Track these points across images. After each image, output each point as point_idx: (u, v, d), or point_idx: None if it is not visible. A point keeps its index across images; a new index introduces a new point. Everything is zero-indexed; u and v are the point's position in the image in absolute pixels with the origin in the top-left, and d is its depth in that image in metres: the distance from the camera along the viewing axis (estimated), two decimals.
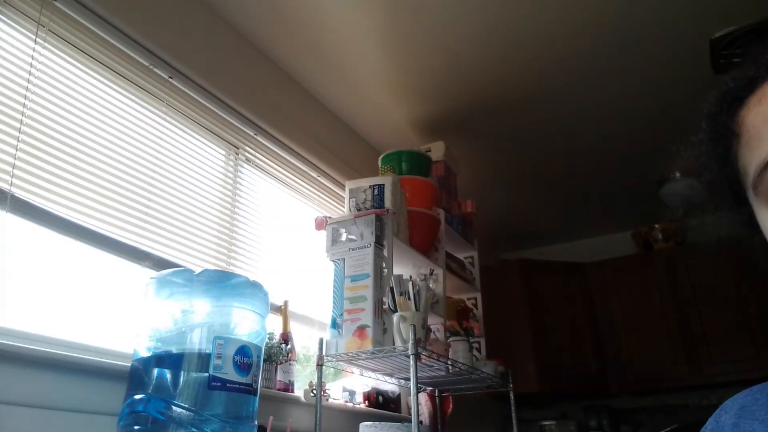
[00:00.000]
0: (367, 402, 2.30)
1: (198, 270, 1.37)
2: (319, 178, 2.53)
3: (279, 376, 1.90)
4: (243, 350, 1.32)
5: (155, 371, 1.25)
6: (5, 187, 1.34)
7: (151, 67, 1.80)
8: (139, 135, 1.73)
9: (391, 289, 1.83)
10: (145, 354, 1.28)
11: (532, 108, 2.71)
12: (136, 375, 1.28)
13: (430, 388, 2.43)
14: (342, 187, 2.52)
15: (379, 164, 2.49)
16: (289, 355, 1.94)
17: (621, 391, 3.59)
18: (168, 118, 1.86)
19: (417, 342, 1.71)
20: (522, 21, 2.17)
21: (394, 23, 2.17)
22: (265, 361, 1.76)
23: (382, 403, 2.37)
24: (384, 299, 1.85)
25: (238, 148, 2.14)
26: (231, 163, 2.11)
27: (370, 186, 2.12)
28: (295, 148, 2.38)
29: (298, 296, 2.19)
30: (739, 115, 0.59)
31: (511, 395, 2.37)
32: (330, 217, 2.03)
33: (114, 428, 1.26)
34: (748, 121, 0.57)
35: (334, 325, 1.84)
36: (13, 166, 1.36)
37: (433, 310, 2.18)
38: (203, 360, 1.26)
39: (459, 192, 2.82)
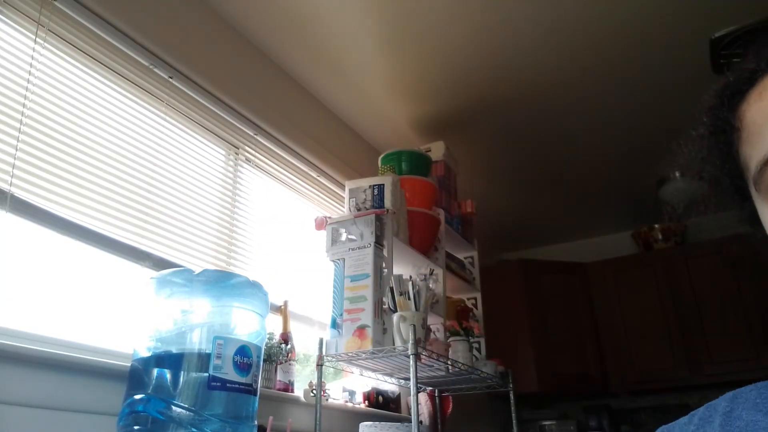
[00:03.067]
0: (367, 402, 2.30)
1: (198, 270, 1.37)
2: (319, 178, 2.53)
3: (279, 376, 1.90)
4: (243, 350, 1.32)
5: (155, 371, 1.25)
6: (5, 187, 1.34)
7: (151, 67, 1.80)
8: (139, 135, 1.73)
9: (391, 289, 1.83)
10: (145, 354, 1.28)
11: (532, 108, 2.71)
12: (136, 375, 1.28)
13: (430, 388, 2.43)
14: (342, 187, 2.52)
15: (379, 164, 2.49)
16: (289, 355, 1.94)
17: (621, 391, 3.59)
18: (168, 118, 1.86)
19: (417, 342, 1.71)
20: (522, 21, 2.17)
21: (395, 23, 2.17)
22: (265, 361, 1.76)
23: (382, 403, 2.37)
24: (384, 299, 1.85)
25: (238, 148, 2.14)
26: (231, 163, 2.11)
27: (370, 186, 2.12)
28: (295, 148, 2.38)
29: (298, 296, 2.19)
30: (740, 109, 0.57)
31: (511, 395, 2.37)
32: (330, 217, 2.03)
33: (114, 428, 1.26)
34: (749, 116, 0.56)
35: (334, 325, 1.84)
36: (13, 166, 1.36)
37: (433, 310, 2.18)
38: (203, 360, 1.26)
39: (459, 192, 2.82)
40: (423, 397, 2.43)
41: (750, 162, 0.56)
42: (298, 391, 1.97)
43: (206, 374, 1.25)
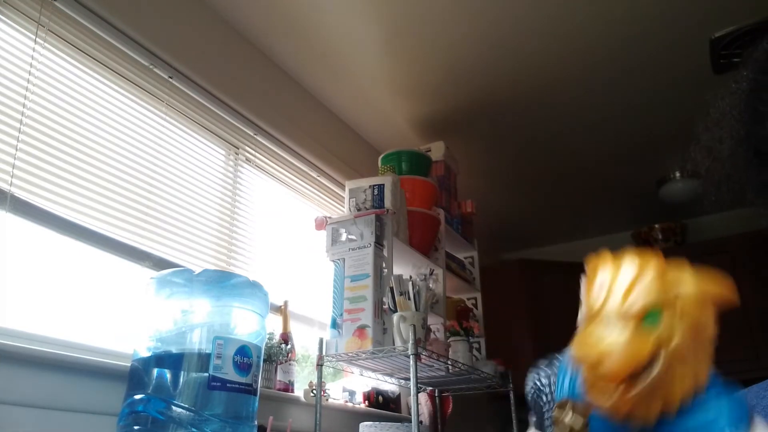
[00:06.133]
0: (367, 402, 2.30)
1: (198, 270, 1.37)
2: (319, 178, 2.53)
3: (279, 376, 1.90)
4: (243, 350, 1.32)
5: (155, 371, 1.25)
6: (5, 187, 1.34)
7: (151, 67, 1.80)
8: (139, 135, 1.73)
9: (391, 289, 1.83)
10: (145, 354, 1.28)
11: (532, 108, 2.71)
12: (136, 375, 1.28)
13: (430, 388, 2.43)
14: (342, 187, 2.52)
15: (379, 164, 2.49)
16: (289, 355, 1.94)
17: None
18: (168, 118, 1.86)
19: (417, 342, 1.71)
20: (522, 21, 2.17)
21: (395, 24, 2.17)
22: (265, 361, 1.76)
23: (382, 403, 2.37)
24: (384, 299, 1.85)
25: (238, 148, 2.14)
26: (231, 163, 2.11)
27: (370, 186, 2.12)
28: (295, 148, 2.38)
29: (298, 296, 2.19)
30: None
31: (511, 395, 2.37)
32: (330, 217, 2.03)
33: (114, 428, 1.26)
34: None
35: (334, 325, 1.84)
36: (13, 166, 1.36)
37: (433, 310, 2.18)
38: (203, 360, 1.26)
39: (459, 192, 2.82)
40: (423, 397, 2.42)
41: None
42: (298, 391, 1.97)
43: (206, 374, 1.25)
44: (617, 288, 0.30)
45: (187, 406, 1.21)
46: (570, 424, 0.34)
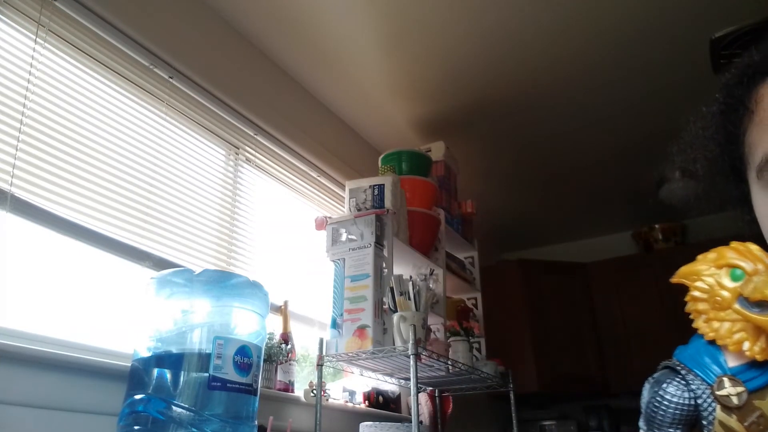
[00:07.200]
0: (367, 402, 2.30)
1: (198, 270, 1.37)
2: (319, 178, 2.53)
3: (279, 376, 1.90)
4: (243, 350, 1.32)
5: (155, 371, 1.25)
6: (5, 187, 1.34)
7: (151, 67, 1.80)
8: (139, 135, 1.73)
9: (391, 289, 1.83)
10: (145, 354, 1.28)
11: (532, 108, 2.71)
12: (136, 375, 1.28)
13: (430, 388, 2.43)
14: (342, 187, 2.52)
15: (379, 164, 2.49)
16: (289, 355, 1.94)
17: (621, 391, 3.59)
18: (168, 118, 1.86)
19: (417, 342, 1.71)
20: (522, 21, 2.17)
21: (395, 24, 2.17)
22: (265, 361, 1.76)
23: (382, 403, 2.37)
24: (384, 299, 1.85)
25: (238, 148, 2.14)
26: (231, 163, 2.11)
27: (370, 186, 2.12)
28: (295, 148, 2.38)
29: (298, 296, 2.19)
30: (758, 91, 0.56)
31: (511, 395, 2.37)
32: (330, 217, 2.03)
33: (114, 428, 1.26)
34: (766, 99, 0.55)
35: (334, 325, 1.84)
36: (13, 166, 1.36)
37: (433, 310, 2.18)
38: (203, 360, 1.26)
39: (459, 192, 2.82)
40: (423, 397, 2.42)
41: (757, 146, 0.55)
42: (298, 391, 1.97)
43: (206, 374, 1.25)
44: (761, 255, 0.49)
45: (187, 406, 1.21)
46: (735, 393, 0.47)
